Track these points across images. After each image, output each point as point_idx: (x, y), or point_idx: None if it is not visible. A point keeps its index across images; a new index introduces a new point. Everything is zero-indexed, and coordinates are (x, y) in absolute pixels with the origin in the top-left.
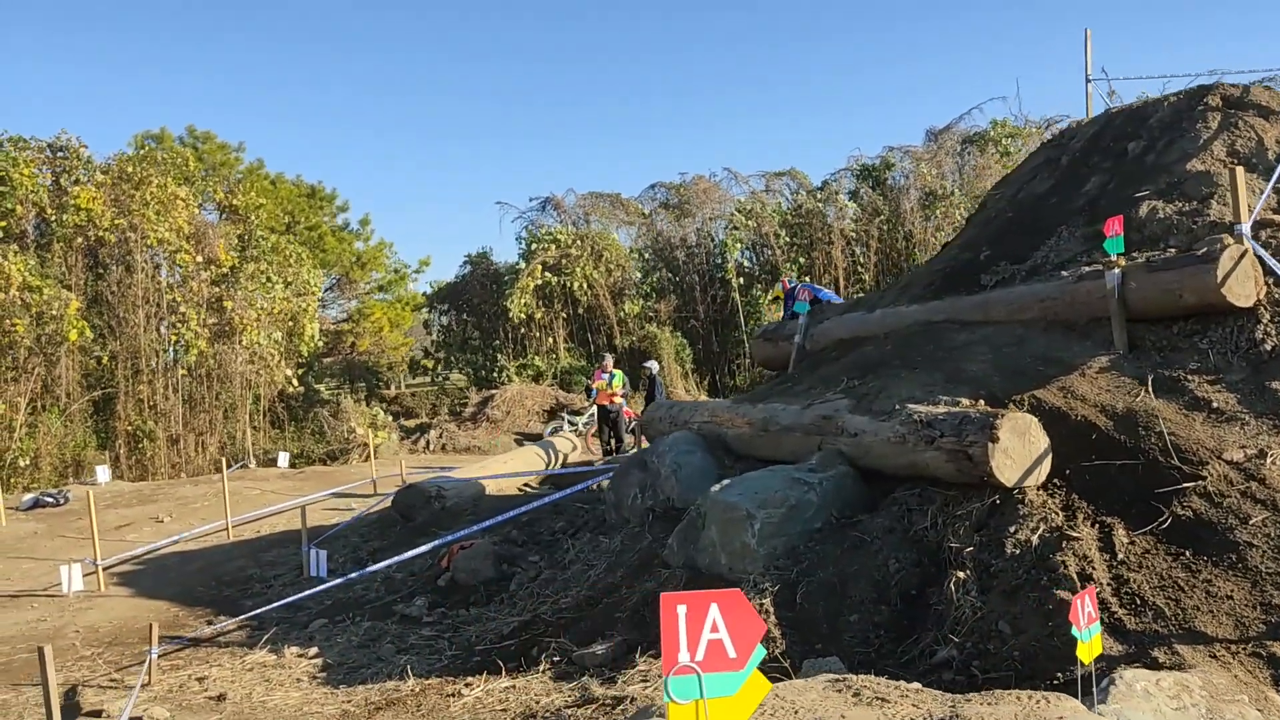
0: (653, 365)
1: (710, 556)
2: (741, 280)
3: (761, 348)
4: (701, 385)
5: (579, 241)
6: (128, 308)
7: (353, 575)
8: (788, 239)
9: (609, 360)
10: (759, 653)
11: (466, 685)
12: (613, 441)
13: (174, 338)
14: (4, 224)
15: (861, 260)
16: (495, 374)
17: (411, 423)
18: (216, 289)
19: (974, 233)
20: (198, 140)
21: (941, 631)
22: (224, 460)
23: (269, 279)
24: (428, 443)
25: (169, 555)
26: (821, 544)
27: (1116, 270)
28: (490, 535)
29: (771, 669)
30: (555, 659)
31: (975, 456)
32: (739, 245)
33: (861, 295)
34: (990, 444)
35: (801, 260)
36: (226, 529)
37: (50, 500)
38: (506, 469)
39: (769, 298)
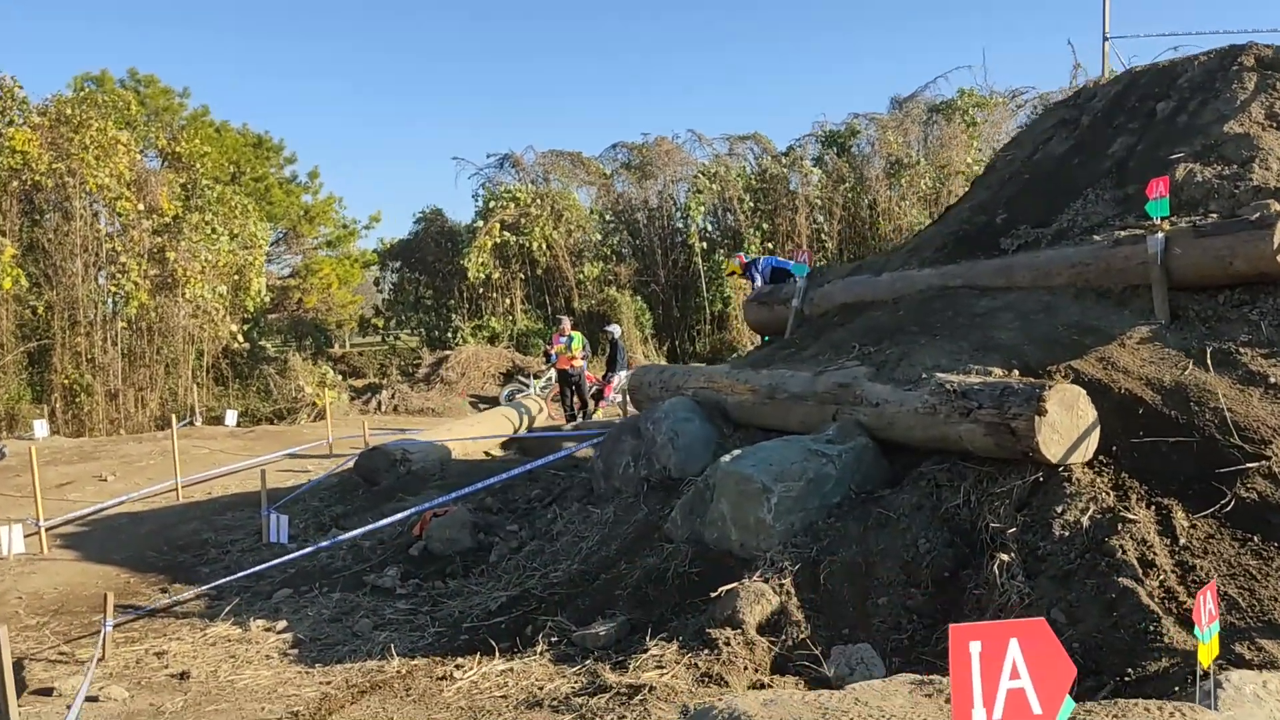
0: (615, 329)
1: (719, 531)
2: (704, 245)
3: (755, 311)
4: (660, 351)
5: (539, 200)
6: (65, 256)
7: (323, 544)
8: (752, 204)
9: (566, 323)
10: (1068, 707)
11: (458, 667)
12: (576, 406)
13: (114, 289)
14: None
15: (825, 228)
16: (449, 335)
17: (359, 383)
18: (159, 239)
19: (985, 195)
20: (140, 84)
21: (984, 618)
22: (173, 417)
23: (214, 230)
24: (379, 404)
25: (117, 516)
26: (842, 520)
27: (1160, 235)
28: (464, 502)
29: (800, 657)
30: (553, 639)
31: (1019, 430)
32: (702, 209)
33: (863, 259)
34: (1037, 417)
35: (765, 226)
36: (176, 490)
37: None
38: (474, 431)
39: (726, 270)
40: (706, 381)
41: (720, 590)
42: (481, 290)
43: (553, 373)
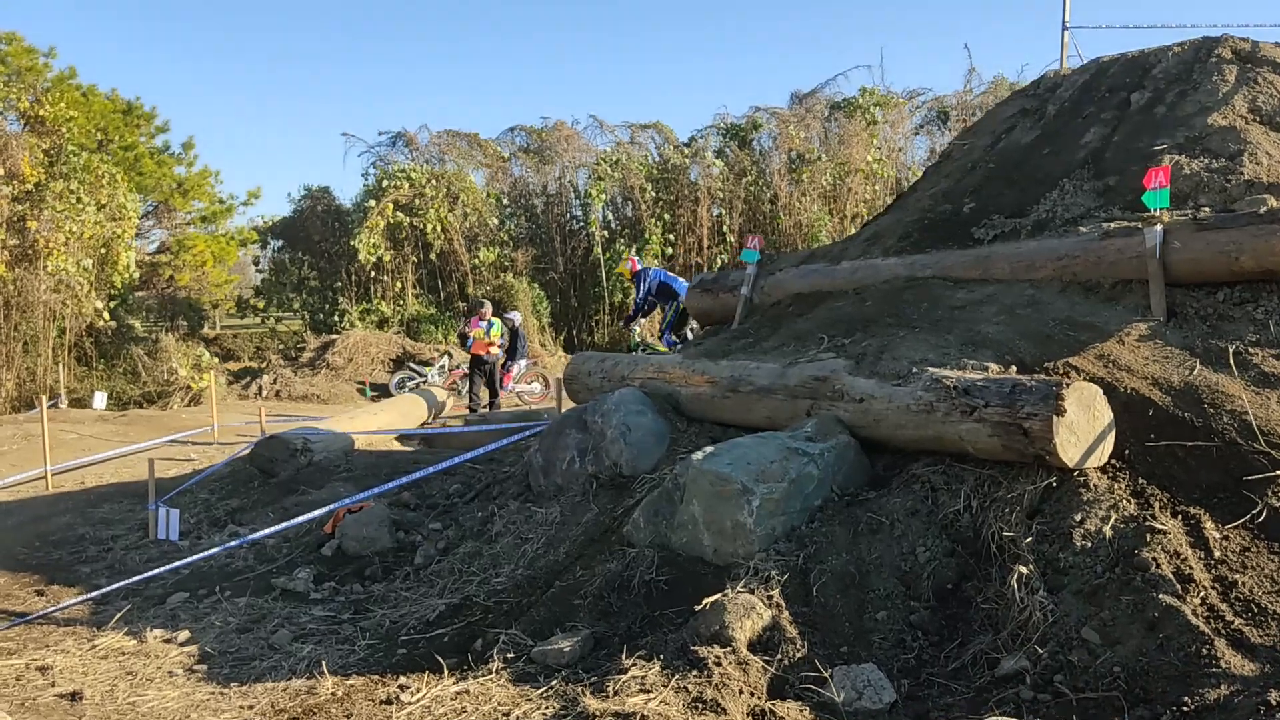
0: (515, 316)
1: (689, 535)
2: (605, 234)
3: (698, 298)
4: (558, 340)
5: (434, 181)
6: None
7: (232, 544)
8: (654, 194)
9: (488, 308)
10: None
11: (402, 688)
12: (485, 395)
13: None
14: None
15: (727, 221)
16: (335, 318)
17: (235, 366)
18: (19, 207)
19: (947, 184)
20: (1, 41)
21: (999, 636)
22: (41, 398)
23: (79, 200)
24: (260, 388)
25: None
26: (827, 525)
27: (1158, 227)
28: (379, 498)
29: (800, 679)
30: (509, 655)
31: (1034, 432)
32: (603, 197)
33: (814, 248)
34: (1055, 417)
35: (666, 217)
36: (46, 478)
37: None
38: (380, 421)
39: (619, 269)
40: (657, 372)
41: (705, 602)
42: (371, 273)
43: (446, 360)
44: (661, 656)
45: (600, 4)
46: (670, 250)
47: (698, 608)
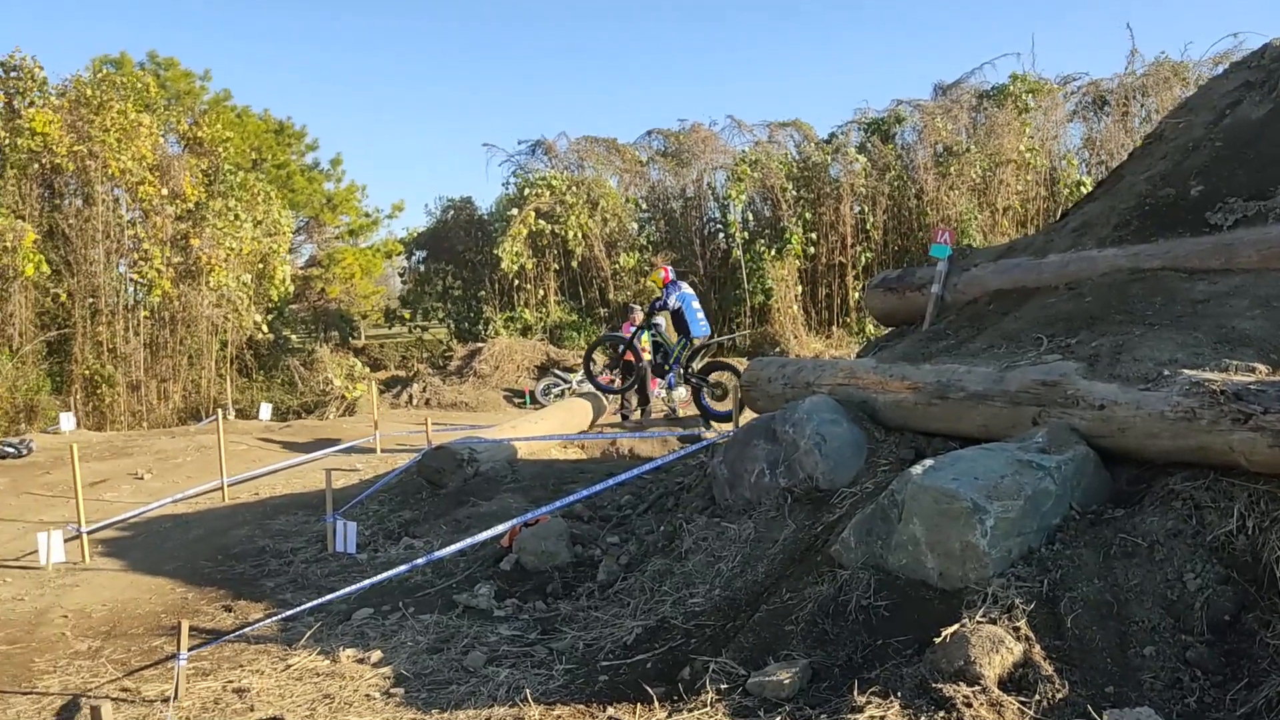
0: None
1: (909, 557)
2: (745, 235)
3: (881, 298)
4: None
5: (574, 188)
6: (86, 242)
7: (419, 561)
8: (794, 192)
9: (638, 313)
10: None
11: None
12: (634, 403)
13: (136, 276)
14: None
15: (870, 218)
16: (480, 326)
17: (382, 375)
18: (181, 226)
19: (1164, 166)
20: (160, 67)
21: None
22: (219, 410)
23: (237, 217)
24: (410, 397)
25: (160, 519)
26: (1071, 547)
27: None
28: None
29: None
30: (722, 686)
31: None
32: (742, 198)
33: (1013, 241)
34: None
35: (808, 215)
36: (223, 490)
37: (10, 450)
38: (542, 428)
39: (651, 276)
40: (848, 377)
41: (944, 634)
42: (514, 281)
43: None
44: (899, 694)
45: (733, 5)
46: (812, 249)
47: (936, 640)
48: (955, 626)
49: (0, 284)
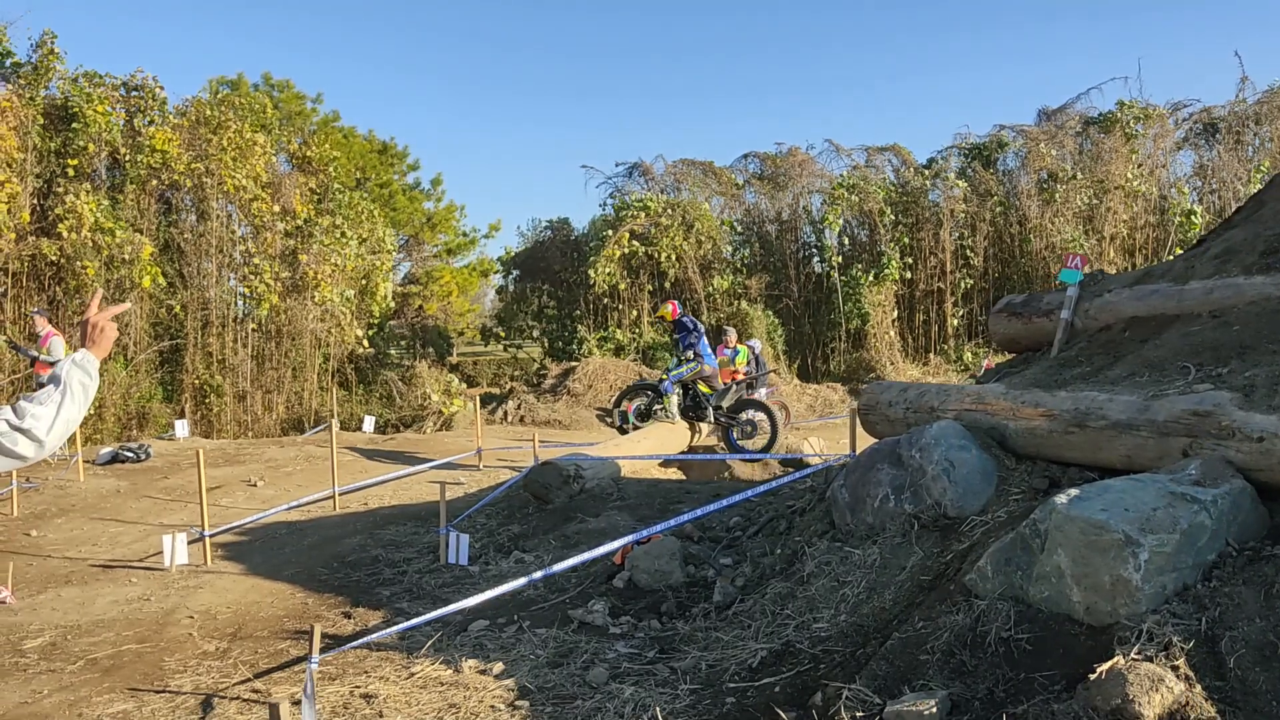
0: (755, 344)
1: (1052, 589)
2: (840, 259)
3: (1006, 323)
4: (792, 368)
5: (669, 210)
6: (200, 256)
7: (535, 576)
8: (892, 217)
9: (732, 335)
10: None
11: None
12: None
13: (246, 290)
14: (75, 162)
15: (970, 244)
16: (574, 345)
17: (476, 391)
18: (290, 241)
19: None
20: (274, 88)
21: None
22: (333, 421)
23: (343, 234)
24: (505, 413)
25: (274, 526)
26: (1229, 585)
27: None
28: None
29: None
30: (858, 714)
31: None
32: (838, 223)
33: (1149, 267)
34: None
35: (906, 240)
36: (334, 499)
37: (130, 455)
38: (643, 448)
39: (660, 310)
40: (975, 403)
41: (1099, 670)
42: (607, 301)
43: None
44: None
45: (834, 27)
46: (909, 274)
47: (1088, 676)
48: (1111, 662)
49: (118, 295)
